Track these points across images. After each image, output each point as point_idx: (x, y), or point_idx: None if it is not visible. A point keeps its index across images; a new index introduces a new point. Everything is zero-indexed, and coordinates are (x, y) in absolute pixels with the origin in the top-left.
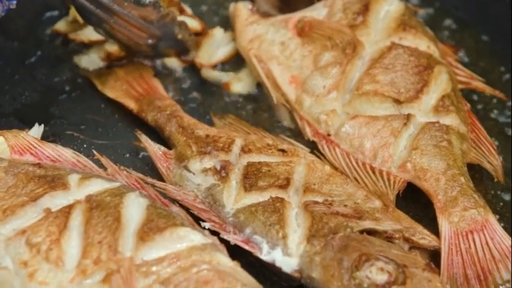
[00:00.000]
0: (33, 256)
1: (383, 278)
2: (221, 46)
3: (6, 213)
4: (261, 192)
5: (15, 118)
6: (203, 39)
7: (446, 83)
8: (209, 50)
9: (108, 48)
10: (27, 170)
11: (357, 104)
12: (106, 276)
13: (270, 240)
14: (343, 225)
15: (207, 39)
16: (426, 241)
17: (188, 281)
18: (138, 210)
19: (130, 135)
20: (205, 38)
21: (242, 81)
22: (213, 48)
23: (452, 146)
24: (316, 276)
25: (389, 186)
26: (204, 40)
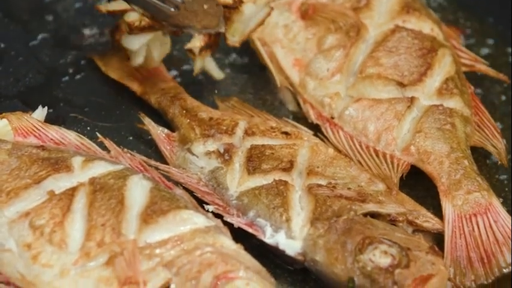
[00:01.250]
0: (36, 238)
1: (386, 261)
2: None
3: (10, 196)
4: (265, 175)
5: (19, 100)
6: (233, 14)
7: (450, 65)
8: (239, 26)
9: (127, 19)
10: (30, 152)
11: (360, 87)
12: (109, 258)
13: (273, 223)
14: (346, 208)
15: (237, 15)
16: (430, 224)
17: (191, 264)
18: (141, 193)
19: (134, 117)
20: (236, 14)
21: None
22: (243, 24)
23: (456, 129)
24: (319, 259)
25: (393, 169)
26: (234, 16)
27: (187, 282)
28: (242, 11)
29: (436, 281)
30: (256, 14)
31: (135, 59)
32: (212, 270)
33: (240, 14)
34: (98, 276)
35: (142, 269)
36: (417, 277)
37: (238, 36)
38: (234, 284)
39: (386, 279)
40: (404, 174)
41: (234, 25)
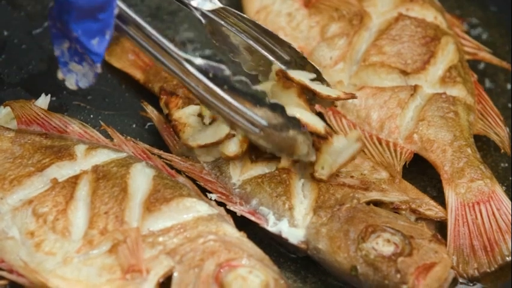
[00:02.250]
0: (39, 226)
1: (389, 249)
2: (341, 155)
3: (13, 184)
4: (267, 164)
5: (22, 88)
6: (323, 145)
7: (453, 54)
8: (328, 159)
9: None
10: (33, 140)
11: (363, 75)
12: (112, 246)
13: (276, 211)
14: (349, 196)
15: (327, 147)
16: (433, 212)
17: (194, 252)
18: (144, 181)
19: (137, 105)
20: (325, 145)
21: None
22: (333, 157)
23: (459, 117)
24: (322, 248)
25: (396, 157)
26: (323, 147)
27: (190, 270)
28: (332, 143)
29: (439, 269)
30: (346, 149)
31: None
32: (215, 258)
33: (329, 145)
34: (101, 264)
35: (145, 256)
36: (420, 265)
37: (327, 169)
38: (237, 271)
39: (389, 268)
40: (408, 162)
41: (323, 156)
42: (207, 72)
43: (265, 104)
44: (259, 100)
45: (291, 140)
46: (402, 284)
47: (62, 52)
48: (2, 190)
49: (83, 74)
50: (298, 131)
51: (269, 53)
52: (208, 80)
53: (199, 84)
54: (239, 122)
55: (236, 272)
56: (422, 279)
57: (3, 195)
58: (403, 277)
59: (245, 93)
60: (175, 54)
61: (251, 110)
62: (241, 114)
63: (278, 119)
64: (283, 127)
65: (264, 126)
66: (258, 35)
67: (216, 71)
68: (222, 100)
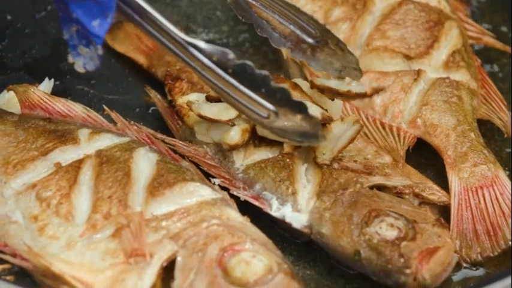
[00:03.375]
0: (43, 210)
1: (393, 233)
2: (341, 139)
3: (17, 168)
4: (271, 148)
5: (26, 72)
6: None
7: (456, 38)
8: (328, 144)
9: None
10: (37, 124)
11: (367, 59)
12: (116, 230)
13: (279, 196)
14: (353, 180)
15: (326, 133)
16: (436, 197)
17: (198, 236)
18: (148, 165)
19: (141, 90)
20: (325, 132)
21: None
22: (332, 142)
23: (462, 101)
24: (326, 232)
25: (399, 142)
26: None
27: (194, 254)
28: (331, 129)
29: (442, 253)
30: (345, 133)
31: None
32: (218, 243)
33: (329, 132)
34: (104, 248)
35: (149, 241)
36: (423, 249)
37: (329, 153)
38: (240, 256)
39: (393, 252)
40: (411, 147)
41: (322, 144)
42: (212, 56)
43: (271, 88)
44: (265, 84)
45: (299, 124)
46: (405, 269)
47: (70, 35)
48: (6, 174)
49: (90, 57)
50: (305, 115)
51: (296, 28)
52: (213, 63)
53: (204, 68)
54: (245, 107)
55: (239, 257)
56: (425, 264)
57: (7, 180)
58: (407, 261)
59: (250, 77)
60: (180, 38)
61: (257, 94)
62: (247, 98)
63: (285, 103)
64: (290, 111)
65: (271, 111)
66: (283, 9)
67: (221, 55)
68: (228, 84)
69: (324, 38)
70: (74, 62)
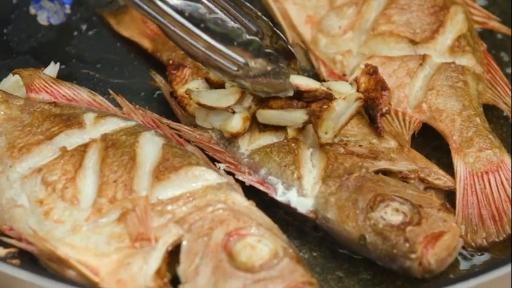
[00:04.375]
0: (48, 194)
1: (398, 218)
2: (342, 116)
3: (22, 152)
4: (276, 133)
5: (31, 56)
6: (324, 112)
7: (462, 23)
8: (331, 123)
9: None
10: (42, 108)
11: (372, 44)
12: (121, 215)
13: (285, 181)
14: (358, 165)
15: (329, 113)
16: (441, 181)
17: (203, 220)
18: (153, 149)
19: (146, 74)
20: (327, 112)
21: None
22: (334, 121)
23: (468, 86)
24: (331, 217)
25: (405, 127)
26: (325, 114)
27: (199, 238)
28: (333, 108)
29: (447, 238)
30: (346, 110)
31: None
32: (224, 227)
33: (331, 111)
34: (109, 233)
35: (154, 225)
36: (429, 234)
37: (331, 133)
38: (245, 240)
39: (398, 237)
40: (416, 131)
41: (325, 123)
42: (183, 11)
43: (242, 41)
44: (236, 37)
45: (270, 76)
46: (411, 253)
47: None
48: (11, 158)
49: (55, 11)
50: (276, 66)
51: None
52: (184, 19)
53: (175, 24)
54: (216, 61)
55: (245, 241)
56: (430, 248)
57: (12, 163)
58: (412, 246)
59: (221, 31)
60: None
61: (228, 48)
62: (218, 52)
63: (256, 55)
64: (261, 63)
65: (242, 64)
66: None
67: (192, 10)
68: (199, 39)
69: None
70: (35, 14)
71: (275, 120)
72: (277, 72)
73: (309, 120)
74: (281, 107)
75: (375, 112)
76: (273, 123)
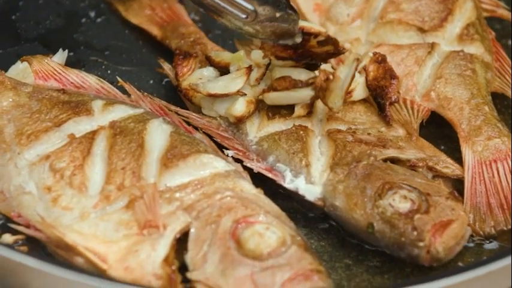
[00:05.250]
0: (56, 181)
1: (406, 206)
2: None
3: (30, 139)
4: (284, 120)
5: (39, 43)
6: (331, 83)
7: (471, 11)
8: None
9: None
10: (51, 95)
11: (381, 32)
12: (129, 202)
13: (293, 168)
14: (366, 153)
15: (335, 83)
16: (450, 170)
17: (211, 208)
18: (161, 137)
19: (154, 61)
20: (334, 82)
21: None
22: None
23: (476, 75)
24: (339, 205)
25: (413, 115)
26: (332, 85)
27: (207, 226)
28: (338, 77)
29: (455, 226)
30: (348, 73)
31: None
32: (232, 215)
33: (337, 81)
34: (117, 220)
35: (162, 212)
36: (437, 222)
37: (339, 101)
38: (253, 228)
39: (406, 225)
40: (425, 120)
41: (333, 93)
42: None
43: None
44: None
45: (279, 22)
46: (419, 241)
47: None
48: (19, 145)
49: None
50: (284, 12)
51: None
52: None
53: None
54: (225, 9)
55: (253, 229)
56: (438, 237)
57: (21, 150)
58: (420, 234)
59: None
60: None
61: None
62: (227, 0)
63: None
64: (269, 10)
65: (251, 11)
66: None
67: None
68: None
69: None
70: None
71: (283, 100)
72: (285, 19)
73: (316, 96)
74: (286, 88)
75: (383, 100)
76: (281, 104)
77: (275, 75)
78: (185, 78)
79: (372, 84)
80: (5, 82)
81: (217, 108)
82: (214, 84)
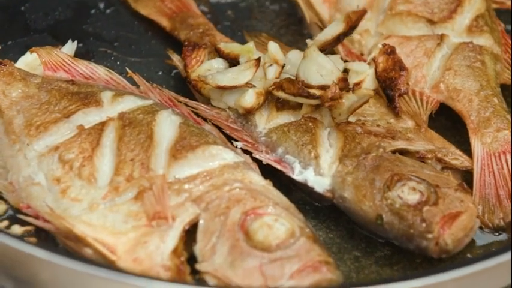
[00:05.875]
0: (65, 172)
1: (415, 197)
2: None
3: (39, 130)
4: (293, 112)
5: (49, 34)
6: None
7: (480, 2)
8: (344, 110)
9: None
10: (60, 86)
11: (390, 24)
12: (138, 193)
13: (302, 160)
14: (375, 145)
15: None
16: (459, 161)
17: (220, 199)
18: (170, 128)
19: (163, 52)
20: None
21: None
22: (346, 109)
23: (485, 66)
24: (348, 196)
25: (422, 107)
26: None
27: (216, 217)
28: (343, 104)
29: (464, 218)
30: (357, 101)
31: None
32: (241, 206)
33: (341, 105)
34: (126, 211)
35: (171, 204)
36: (446, 214)
37: (345, 115)
38: (262, 220)
39: (415, 217)
40: (434, 111)
41: (337, 110)
42: None
43: None
44: None
45: None
46: (427, 233)
47: None
48: (29, 136)
49: None
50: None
51: None
52: None
53: None
54: None
55: (262, 220)
56: (447, 229)
57: (30, 141)
58: (429, 226)
59: None
60: None
61: None
62: None
63: None
64: None
65: None
66: None
67: None
68: None
69: None
70: None
71: (290, 99)
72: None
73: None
74: (293, 94)
75: (393, 92)
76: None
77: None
78: (194, 69)
79: (381, 75)
80: (14, 73)
81: (226, 99)
82: (223, 76)
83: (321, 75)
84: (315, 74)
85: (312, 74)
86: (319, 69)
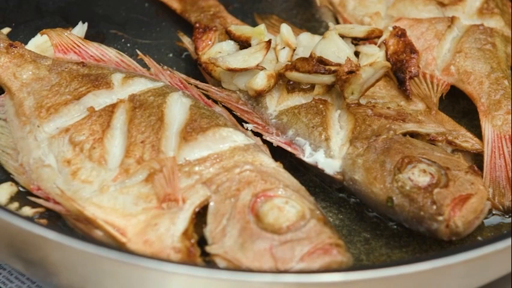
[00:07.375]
0: (76, 154)
1: (425, 179)
2: (369, 80)
3: (50, 112)
4: (304, 94)
5: (59, 16)
6: (352, 78)
7: None
8: (357, 87)
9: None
10: (70, 68)
11: (400, 6)
12: (149, 175)
13: (312, 142)
14: (386, 127)
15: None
16: (469, 144)
17: (231, 181)
18: (181, 110)
19: (174, 35)
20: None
21: None
22: (361, 85)
23: (496, 49)
24: (358, 179)
25: (433, 89)
26: (352, 79)
27: (226, 199)
28: (360, 76)
29: (475, 200)
30: (373, 74)
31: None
32: (251, 188)
33: (358, 77)
34: (137, 193)
35: (182, 186)
36: (456, 196)
37: (356, 94)
38: (272, 202)
39: (425, 199)
40: (444, 94)
41: (351, 86)
42: None
43: None
44: None
45: None
46: (438, 216)
47: None
48: (39, 118)
49: None
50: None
51: None
52: None
53: None
54: None
55: (272, 202)
56: (458, 211)
57: (40, 123)
58: (439, 208)
59: None
60: None
61: None
62: None
63: None
64: None
65: None
66: None
67: None
68: None
69: None
70: None
71: (303, 80)
72: None
73: (336, 82)
74: (308, 71)
75: (403, 75)
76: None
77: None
78: (205, 51)
79: (391, 58)
80: (24, 55)
81: (237, 81)
82: (234, 58)
83: (338, 57)
84: (332, 54)
85: (330, 54)
86: (337, 52)
